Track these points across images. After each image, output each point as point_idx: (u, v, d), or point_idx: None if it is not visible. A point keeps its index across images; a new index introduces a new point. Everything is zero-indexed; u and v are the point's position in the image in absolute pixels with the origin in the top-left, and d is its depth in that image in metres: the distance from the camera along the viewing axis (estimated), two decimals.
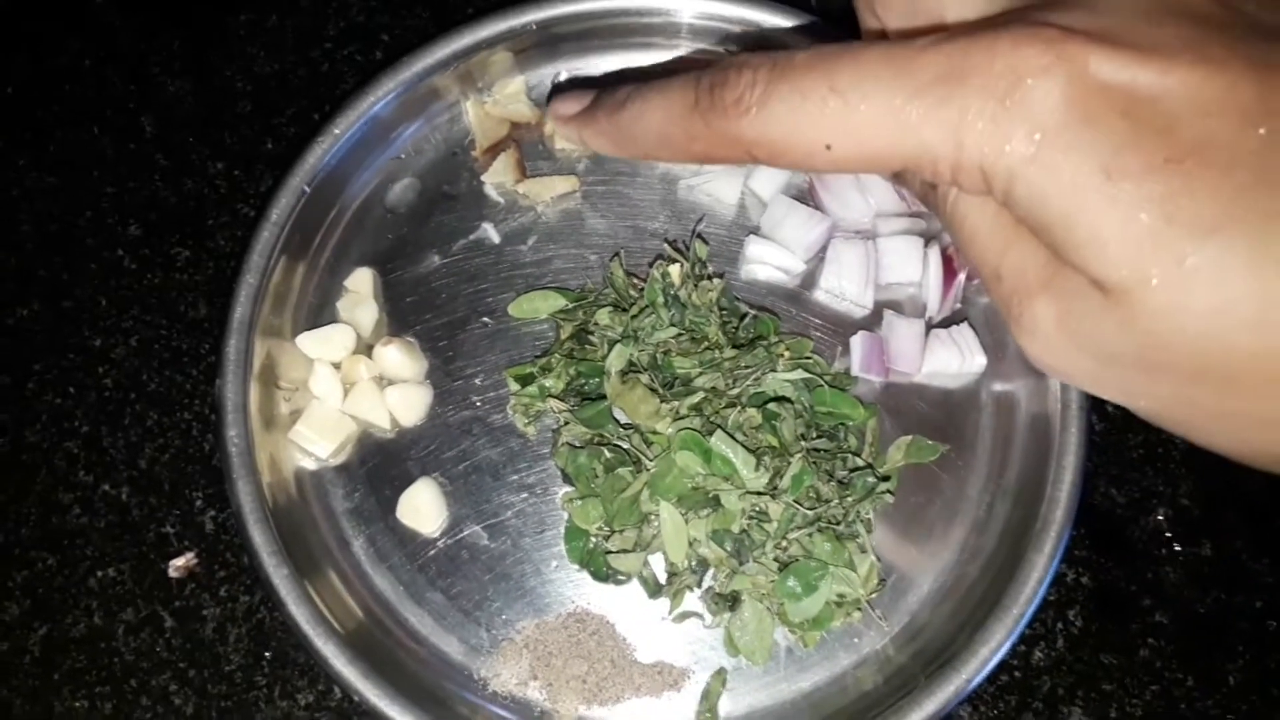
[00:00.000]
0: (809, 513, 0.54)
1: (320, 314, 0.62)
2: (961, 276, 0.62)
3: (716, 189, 0.65)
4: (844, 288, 0.63)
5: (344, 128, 0.63)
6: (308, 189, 0.61)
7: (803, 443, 0.56)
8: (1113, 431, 0.63)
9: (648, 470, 0.55)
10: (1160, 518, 0.61)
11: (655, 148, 0.38)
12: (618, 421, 0.57)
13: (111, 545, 0.60)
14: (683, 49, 0.68)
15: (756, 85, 0.33)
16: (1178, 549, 0.61)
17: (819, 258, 0.64)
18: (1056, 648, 0.59)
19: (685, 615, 0.57)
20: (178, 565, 0.59)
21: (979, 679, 0.53)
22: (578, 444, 0.58)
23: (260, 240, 0.60)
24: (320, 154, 0.62)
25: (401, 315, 0.63)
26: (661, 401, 0.56)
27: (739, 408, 0.56)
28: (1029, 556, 0.55)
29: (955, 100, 0.30)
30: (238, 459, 0.56)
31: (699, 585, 0.57)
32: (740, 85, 0.33)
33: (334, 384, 0.60)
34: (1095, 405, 0.63)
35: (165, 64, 0.70)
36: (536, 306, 0.62)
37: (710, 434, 0.54)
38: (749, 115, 0.33)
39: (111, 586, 0.59)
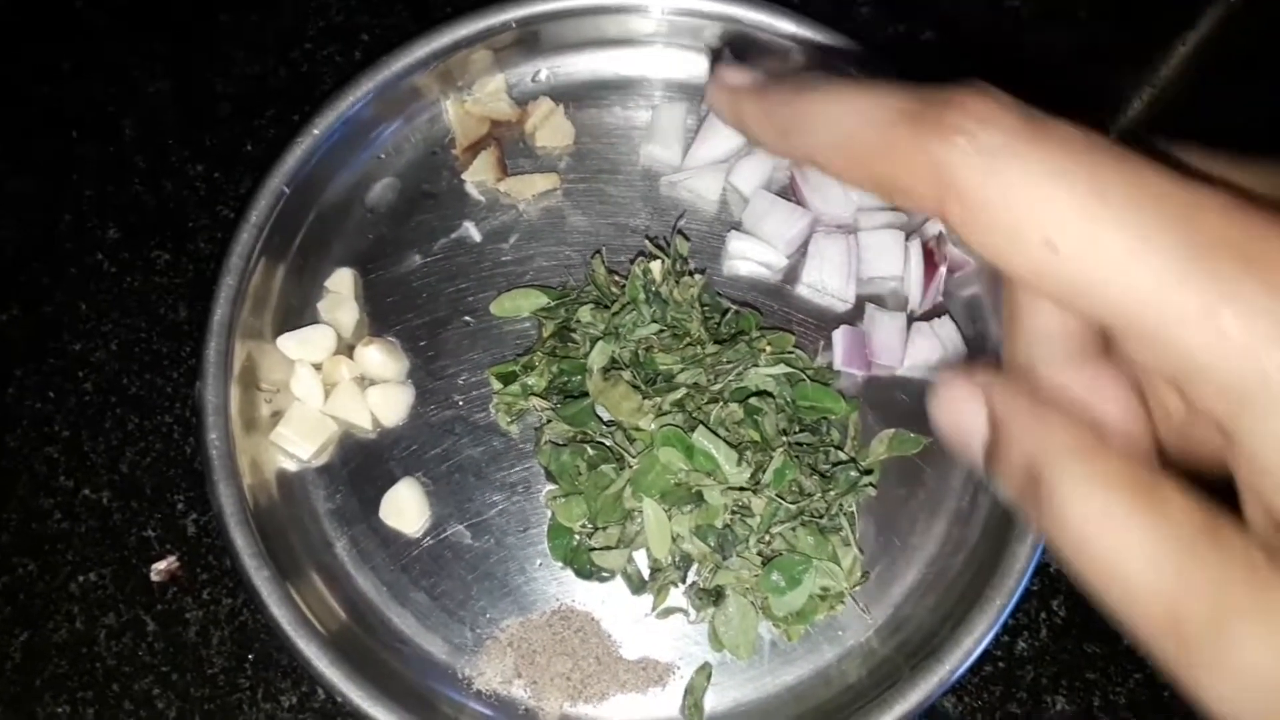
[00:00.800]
0: (792, 507, 0.54)
1: (301, 315, 0.62)
2: (942, 269, 0.62)
3: (698, 185, 0.65)
4: (826, 282, 0.63)
5: (323, 128, 0.62)
6: (287, 190, 0.61)
7: (785, 437, 0.56)
8: None
9: (630, 467, 0.55)
10: None
11: (827, 148, 0.29)
12: (600, 419, 0.57)
13: (93, 550, 0.59)
14: (662, 46, 0.68)
15: (1000, 124, 0.24)
16: None
17: (801, 252, 0.64)
18: (1040, 637, 0.59)
19: (669, 611, 0.57)
20: (159, 569, 0.59)
21: (962, 670, 0.53)
22: (560, 442, 0.58)
23: (240, 242, 0.60)
24: (300, 155, 0.62)
25: (382, 315, 0.63)
26: (644, 398, 0.56)
27: (721, 403, 0.56)
28: (1011, 547, 0.55)
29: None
30: (219, 461, 0.56)
31: (683, 581, 0.57)
32: (976, 114, 0.25)
33: (315, 385, 0.60)
34: None
35: (145, 66, 0.70)
36: (518, 305, 0.62)
37: (692, 430, 0.54)
38: (969, 151, 0.24)
39: (93, 591, 0.58)
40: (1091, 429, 0.25)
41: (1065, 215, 0.23)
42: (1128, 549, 0.23)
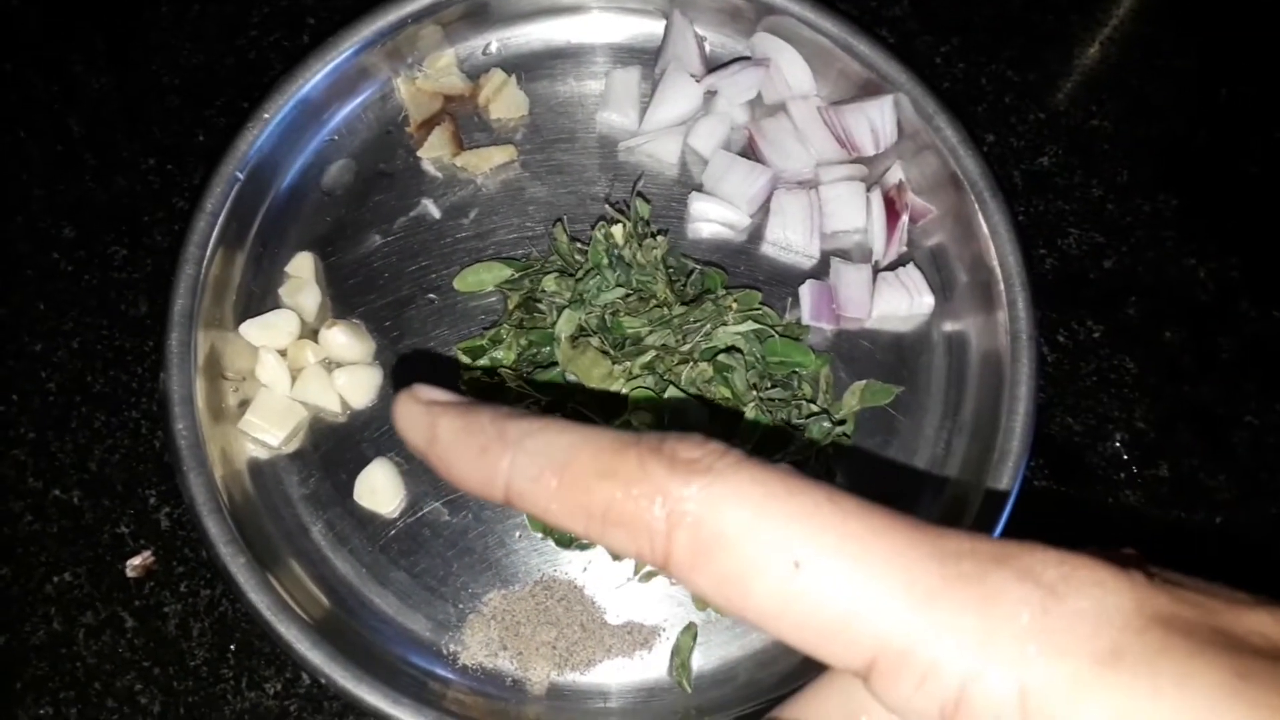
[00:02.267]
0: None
1: (263, 302, 0.61)
2: (905, 219, 0.62)
3: (656, 149, 0.65)
4: (790, 239, 0.63)
5: (273, 112, 0.62)
6: (240, 176, 0.61)
7: (755, 392, 0.56)
8: (1065, 361, 0.63)
9: None
10: (1117, 443, 0.62)
11: (539, 474, 0.25)
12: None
13: (66, 550, 0.59)
14: (612, 12, 0.67)
15: (728, 455, 0.23)
16: (1136, 472, 0.61)
17: (763, 211, 0.64)
18: None
19: (651, 574, 0.57)
20: (135, 565, 0.58)
21: None
22: None
23: (196, 231, 0.59)
24: (251, 140, 0.61)
25: (345, 297, 0.62)
26: (613, 363, 0.56)
27: (691, 363, 0.56)
28: (987, 486, 0.55)
29: (986, 582, 0.21)
30: (187, 452, 0.55)
31: None
32: (703, 448, 0.23)
33: (281, 371, 0.59)
34: (1045, 335, 0.63)
35: (88, 61, 0.69)
36: (482, 279, 0.62)
37: (664, 392, 0.54)
38: (701, 479, 0.23)
39: (69, 591, 0.58)
40: None
41: (800, 531, 0.22)
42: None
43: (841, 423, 0.58)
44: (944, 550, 0.22)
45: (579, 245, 0.62)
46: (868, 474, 0.59)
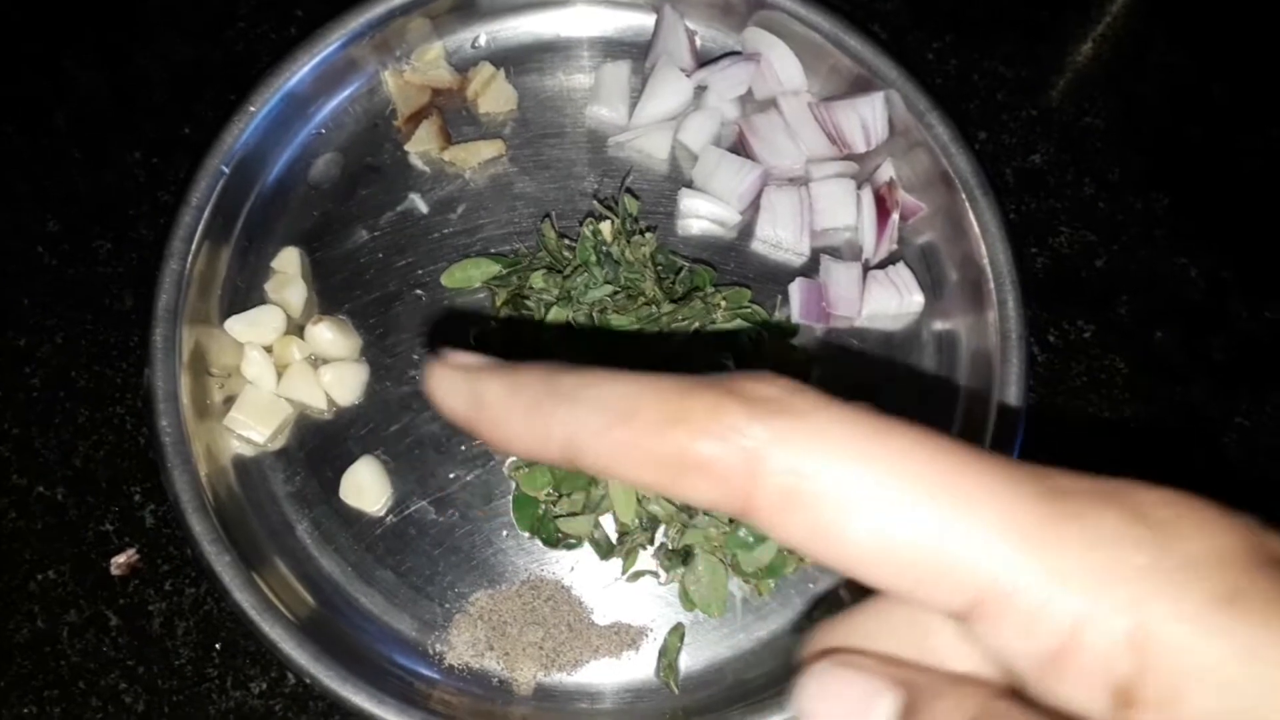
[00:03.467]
0: None
1: (248, 297, 0.61)
2: (895, 216, 0.62)
3: (646, 144, 0.65)
4: (780, 236, 0.63)
5: (260, 105, 0.61)
6: (226, 170, 0.60)
7: None
8: (1055, 362, 0.63)
9: None
10: (1108, 445, 0.62)
11: (601, 426, 0.23)
12: None
13: (50, 547, 0.58)
14: (602, 5, 0.67)
15: (806, 393, 0.22)
16: (1127, 474, 0.61)
17: (754, 208, 0.63)
18: None
19: (639, 574, 0.57)
20: (119, 562, 0.58)
21: None
22: None
23: (181, 225, 0.59)
24: (237, 134, 0.61)
25: (332, 293, 0.61)
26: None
27: None
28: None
29: (1101, 521, 0.20)
30: (172, 449, 0.55)
31: (651, 543, 0.56)
32: (780, 385, 0.22)
33: (267, 367, 0.59)
34: (1036, 334, 0.63)
35: (75, 55, 0.68)
36: (469, 275, 0.61)
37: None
38: (783, 419, 0.21)
39: (53, 589, 0.57)
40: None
41: (899, 489, 0.20)
42: None
43: None
44: (1048, 488, 0.20)
45: (567, 242, 0.62)
46: None
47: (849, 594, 0.57)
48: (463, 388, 0.26)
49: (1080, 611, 0.19)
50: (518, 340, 0.58)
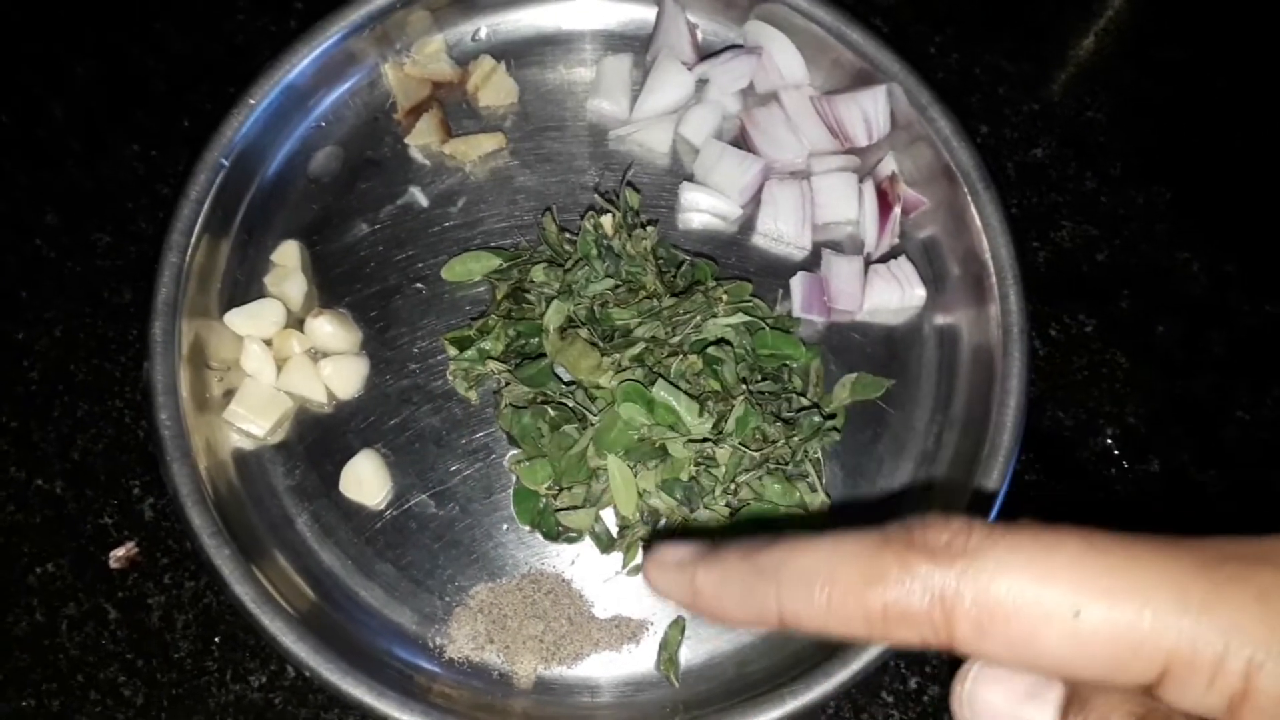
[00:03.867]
0: (756, 455, 0.54)
1: (248, 290, 0.61)
2: (897, 210, 0.62)
3: (647, 138, 0.64)
4: (781, 229, 0.62)
5: (260, 98, 0.61)
6: (225, 163, 0.60)
7: (745, 385, 0.55)
8: (1056, 355, 0.63)
9: (593, 425, 0.54)
10: (1108, 438, 0.62)
11: (807, 596, 0.27)
12: (560, 379, 0.57)
13: (49, 540, 0.58)
14: (601, 3, 0.67)
15: (973, 531, 0.25)
16: (1126, 467, 0.61)
17: (755, 201, 0.63)
18: None
19: (640, 568, 0.56)
20: (118, 556, 0.58)
21: None
22: (521, 405, 0.57)
23: (180, 218, 0.58)
24: (236, 126, 0.60)
25: (331, 286, 0.61)
26: (602, 355, 0.55)
27: (680, 355, 0.55)
28: (978, 483, 0.54)
29: (1257, 580, 0.23)
30: (171, 441, 0.55)
31: (652, 536, 0.56)
32: (950, 528, 0.25)
33: (266, 361, 0.58)
34: (1037, 329, 0.63)
35: (72, 47, 0.68)
36: (470, 268, 0.61)
37: (652, 384, 0.53)
38: (962, 561, 0.24)
39: (51, 582, 0.57)
40: None
41: (1070, 579, 0.24)
42: None
43: (832, 416, 0.57)
44: (1205, 559, 0.24)
45: (568, 235, 0.61)
46: (858, 467, 0.59)
47: None
48: (679, 581, 0.30)
49: (1253, 659, 0.22)
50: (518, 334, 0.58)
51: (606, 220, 0.59)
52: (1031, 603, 0.24)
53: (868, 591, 0.25)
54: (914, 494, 0.58)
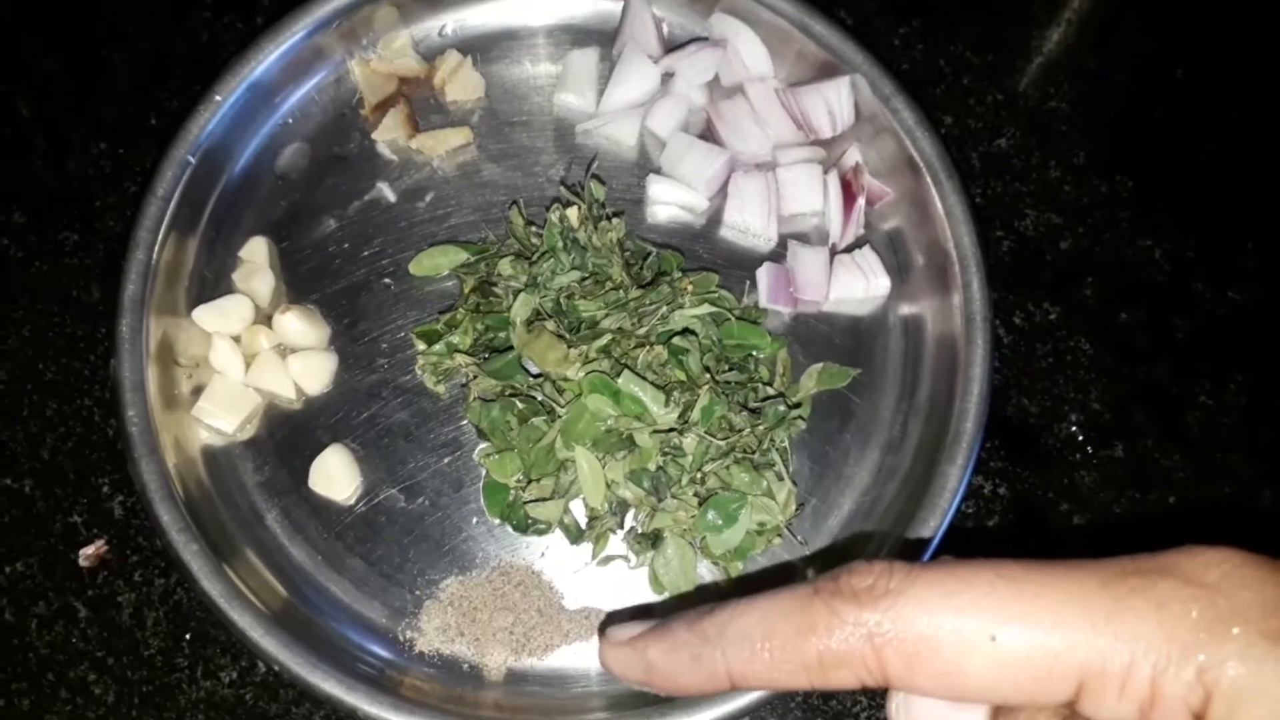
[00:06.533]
0: (723, 444, 0.54)
1: (216, 287, 0.61)
2: (861, 201, 0.62)
3: (614, 131, 0.65)
4: (747, 221, 0.63)
5: (226, 94, 0.61)
6: (192, 160, 0.60)
7: (710, 375, 0.56)
8: (1021, 343, 0.64)
9: (560, 418, 0.55)
10: (1073, 425, 0.62)
11: (750, 654, 0.29)
12: (528, 371, 0.57)
13: (18, 539, 0.58)
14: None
15: (894, 572, 0.27)
16: (1091, 453, 0.62)
17: (722, 194, 0.64)
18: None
19: (609, 559, 0.57)
20: (88, 554, 0.58)
21: None
22: (489, 398, 0.57)
23: (147, 215, 0.58)
24: (202, 123, 0.60)
25: (300, 282, 0.61)
26: (569, 347, 0.55)
27: (647, 347, 0.56)
28: (943, 469, 0.55)
29: (1155, 591, 0.25)
30: (139, 439, 0.55)
31: (620, 527, 0.56)
32: (873, 573, 0.27)
33: (234, 357, 0.59)
34: (1002, 317, 0.63)
35: (34, 43, 0.68)
36: (437, 263, 0.61)
37: (619, 375, 0.54)
38: (885, 600, 0.26)
39: (21, 581, 0.57)
40: None
41: (985, 606, 0.26)
42: None
43: (798, 405, 0.58)
44: (1108, 576, 0.25)
45: (535, 228, 0.62)
46: (824, 456, 0.59)
47: (813, 572, 0.57)
48: (633, 660, 0.32)
49: (1155, 665, 0.24)
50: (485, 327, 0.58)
51: (572, 213, 0.60)
52: (951, 633, 0.26)
53: (803, 642, 0.28)
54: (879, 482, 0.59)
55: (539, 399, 0.56)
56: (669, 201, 0.63)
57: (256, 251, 0.61)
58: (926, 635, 0.26)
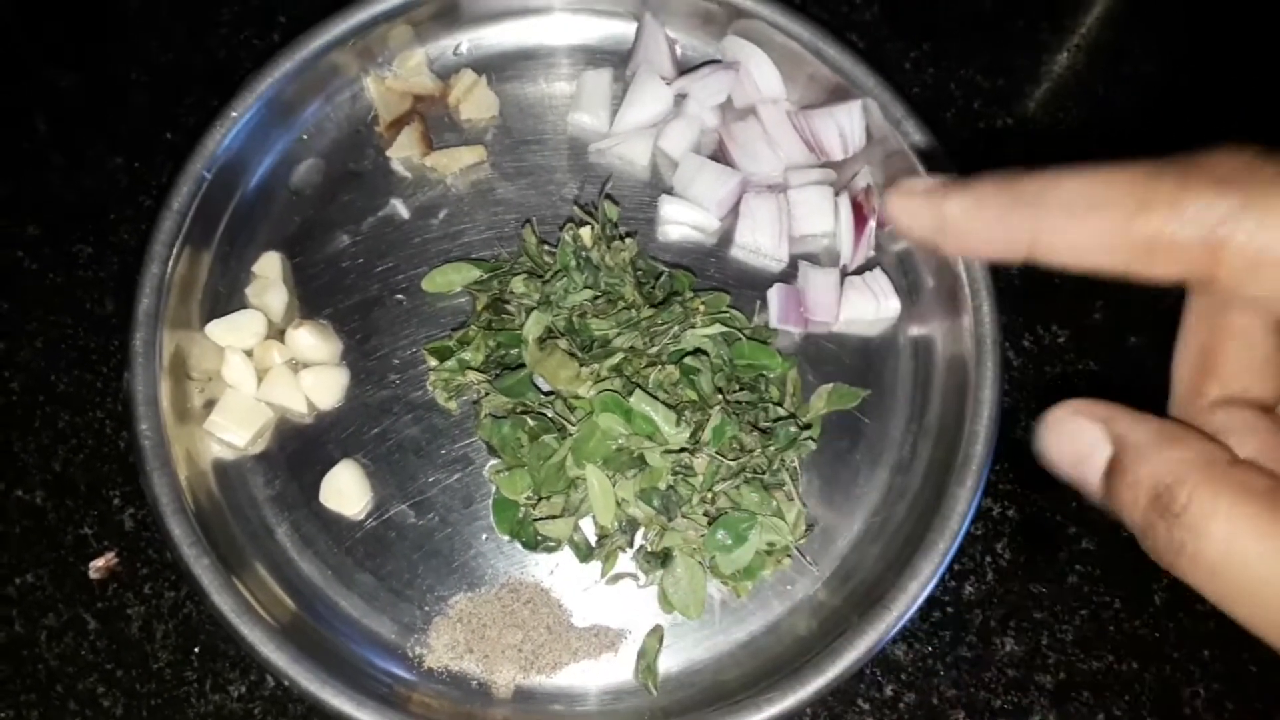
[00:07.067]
0: (733, 464, 0.54)
1: (229, 302, 0.61)
2: (872, 223, 0.63)
3: (627, 151, 0.65)
4: (759, 242, 0.63)
5: (242, 110, 0.61)
6: (208, 175, 0.60)
7: (721, 395, 0.56)
8: (1029, 366, 0.64)
9: (571, 435, 0.55)
10: None
11: (1069, 225, 0.26)
12: (539, 389, 0.57)
13: (29, 551, 0.58)
14: (585, 13, 0.67)
15: (1264, 167, 0.24)
16: None
17: (733, 214, 0.64)
18: (986, 581, 0.60)
19: (618, 577, 0.57)
20: (98, 566, 0.58)
21: (909, 615, 0.53)
22: (500, 415, 0.58)
23: (162, 230, 0.59)
24: (219, 138, 0.61)
25: (313, 298, 0.62)
26: (581, 365, 0.56)
27: (659, 366, 0.56)
28: (952, 491, 0.55)
29: None
30: (151, 452, 0.55)
31: (630, 545, 0.57)
32: (1237, 161, 0.24)
33: (247, 371, 0.59)
34: (1011, 340, 0.64)
35: (54, 59, 0.68)
36: (450, 279, 0.62)
37: (630, 394, 0.54)
38: (1243, 196, 0.23)
39: (31, 593, 0.57)
40: (1228, 451, 0.25)
41: None
42: (1270, 565, 0.22)
43: (808, 426, 0.58)
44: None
45: (548, 247, 0.62)
46: (834, 476, 0.59)
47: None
48: (926, 210, 0.28)
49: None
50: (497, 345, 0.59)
51: (585, 232, 0.60)
52: None
53: (1135, 219, 0.24)
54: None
55: (550, 417, 0.56)
56: (681, 221, 0.64)
57: (270, 266, 0.61)
58: (1273, 252, 0.23)
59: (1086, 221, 0.25)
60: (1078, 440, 0.27)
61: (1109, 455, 0.26)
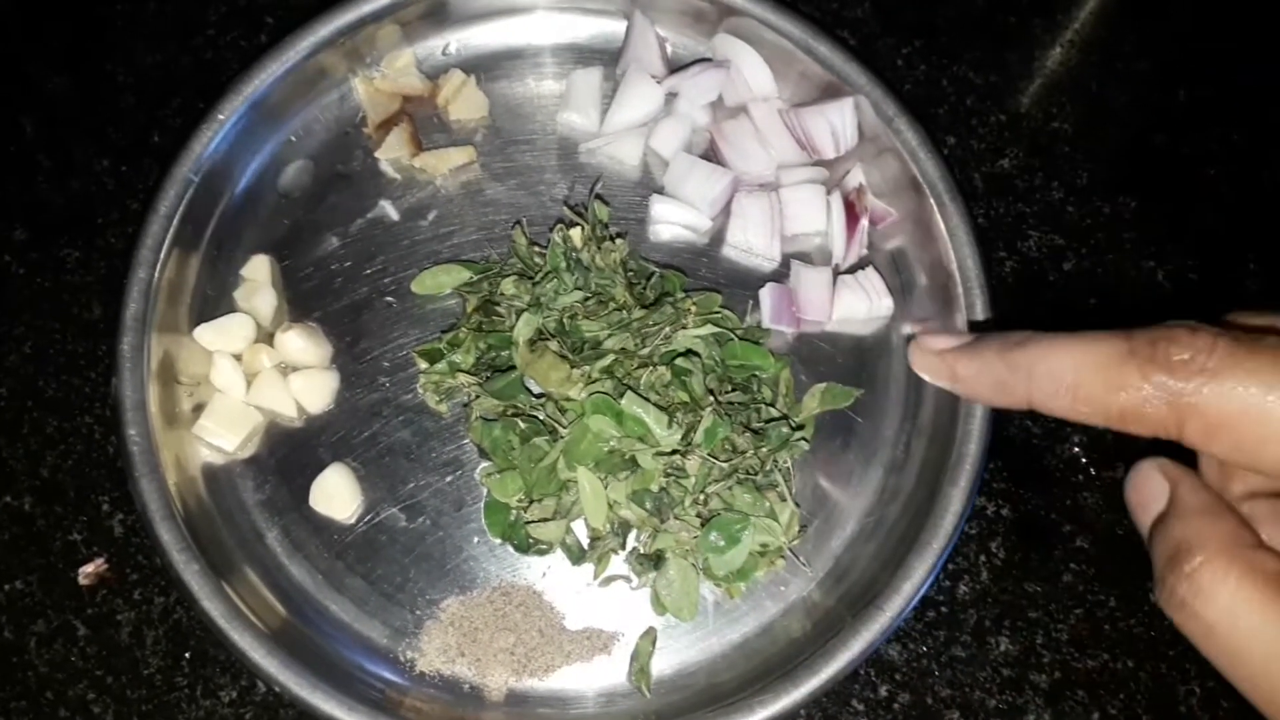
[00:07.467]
0: (725, 465, 0.54)
1: (218, 305, 0.61)
2: (864, 222, 0.62)
3: (617, 150, 0.65)
4: (750, 241, 0.63)
5: (229, 113, 0.61)
6: (195, 178, 0.60)
7: (713, 396, 0.56)
8: None
9: (563, 438, 0.55)
10: (1075, 446, 0.62)
11: (1056, 393, 0.32)
12: (530, 391, 0.57)
13: (17, 558, 0.58)
14: (573, 12, 0.67)
15: (1215, 350, 0.29)
16: (1094, 474, 0.61)
17: (725, 214, 0.64)
18: (981, 580, 0.59)
19: (611, 579, 0.57)
20: (88, 572, 0.57)
21: (903, 615, 0.53)
22: (491, 417, 0.57)
23: (149, 234, 0.58)
24: (205, 141, 0.60)
25: (302, 301, 0.61)
26: (572, 367, 0.55)
27: (650, 367, 0.56)
28: (946, 491, 0.55)
29: None
30: (140, 457, 0.55)
31: (622, 548, 0.56)
32: (1195, 344, 0.29)
33: (236, 375, 0.58)
34: None
35: (40, 61, 0.68)
36: (440, 281, 0.61)
37: (622, 396, 0.54)
38: (1200, 378, 0.29)
39: (20, 599, 0.57)
40: (1256, 536, 0.30)
41: None
42: (1258, 637, 0.28)
43: (801, 427, 0.58)
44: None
45: (538, 248, 0.62)
46: (827, 476, 0.59)
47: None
48: (942, 368, 0.38)
49: None
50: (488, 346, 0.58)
51: (576, 233, 0.60)
52: (1256, 420, 0.28)
53: (1109, 396, 0.31)
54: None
55: (541, 419, 0.56)
56: (672, 221, 0.63)
57: (258, 269, 0.61)
58: (1231, 415, 0.28)
59: (1068, 395, 0.32)
60: (1145, 489, 0.33)
61: (1162, 509, 0.32)
